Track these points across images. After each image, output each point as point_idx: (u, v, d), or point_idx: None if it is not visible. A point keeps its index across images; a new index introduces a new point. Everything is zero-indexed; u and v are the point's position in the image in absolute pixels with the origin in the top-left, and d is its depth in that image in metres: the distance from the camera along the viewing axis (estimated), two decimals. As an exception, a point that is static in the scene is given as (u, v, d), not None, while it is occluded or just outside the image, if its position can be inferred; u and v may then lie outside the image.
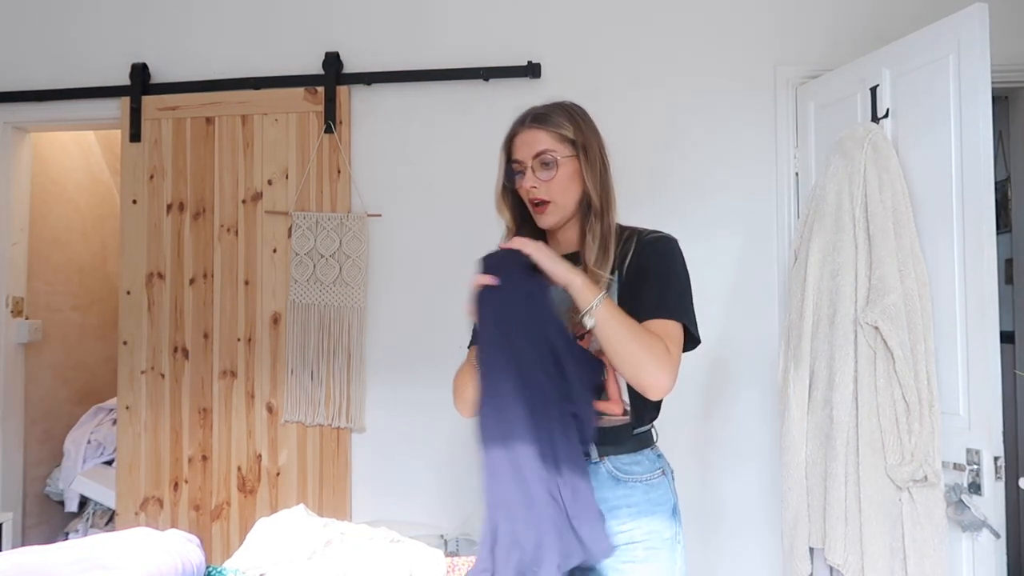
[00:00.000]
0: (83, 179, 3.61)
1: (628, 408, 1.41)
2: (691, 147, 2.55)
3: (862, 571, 1.88)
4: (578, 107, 1.49)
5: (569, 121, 1.44)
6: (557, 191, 1.42)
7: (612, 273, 1.41)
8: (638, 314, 1.35)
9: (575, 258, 1.43)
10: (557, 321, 1.31)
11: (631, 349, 1.29)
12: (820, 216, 2.09)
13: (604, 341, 1.30)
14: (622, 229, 1.48)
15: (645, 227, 1.49)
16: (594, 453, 1.41)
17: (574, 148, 1.42)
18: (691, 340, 1.43)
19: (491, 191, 2.66)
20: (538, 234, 1.48)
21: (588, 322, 1.29)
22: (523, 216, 1.51)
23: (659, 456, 1.49)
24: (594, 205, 1.42)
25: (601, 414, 1.38)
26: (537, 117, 1.45)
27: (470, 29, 2.65)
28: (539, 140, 1.42)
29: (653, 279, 1.40)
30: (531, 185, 1.42)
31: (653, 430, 1.51)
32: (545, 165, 1.41)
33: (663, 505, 1.44)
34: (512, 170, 1.47)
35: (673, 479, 1.50)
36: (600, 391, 1.40)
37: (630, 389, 1.38)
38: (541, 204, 1.43)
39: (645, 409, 1.44)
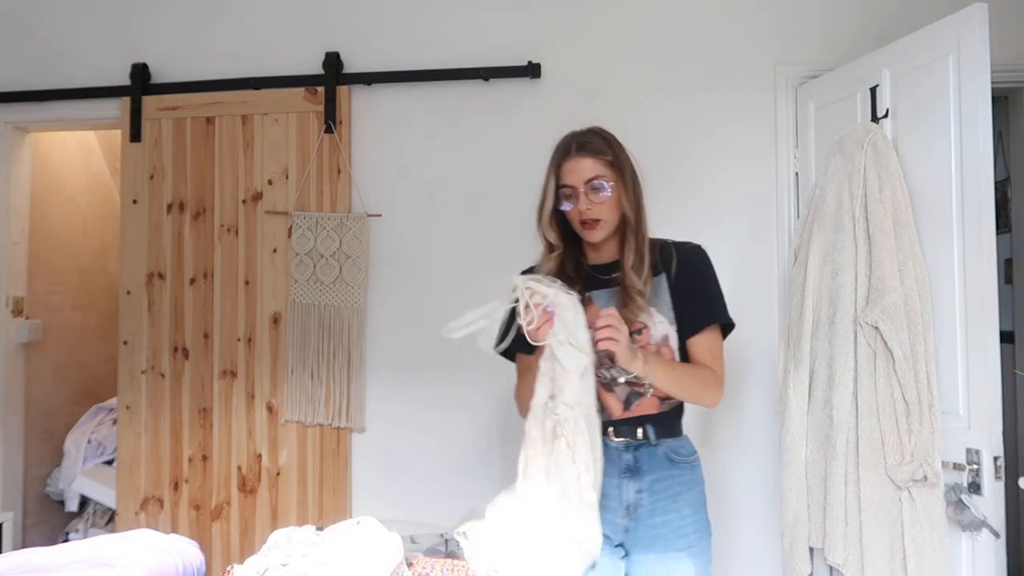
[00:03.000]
0: (83, 179, 3.61)
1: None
2: (691, 147, 2.55)
3: (862, 571, 1.88)
4: (610, 133, 1.68)
5: (608, 148, 1.63)
6: (606, 211, 1.61)
7: (657, 275, 1.65)
8: (691, 318, 1.65)
9: (616, 266, 1.66)
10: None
11: (686, 386, 1.62)
12: (820, 216, 2.10)
13: (665, 389, 1.59)
14: (653, 240, 1.69)
15: (669, 238, 1.73)
16: (652, 436, 1.63)
17: (615, 172, 1.61)
18: (728, 327, 1.72)
19: (491, 190, 2.69)
20: (574, 249, 1.70)
21: (648, 387, 1.57)
22: (562, 234, 1.68)
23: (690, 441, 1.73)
24: (630, 221, 1.63)
25: (665, 398, 1.64)
26: (582, 145, 1.62)
27: (470, 29, 2.65)
28: (588, 167, 1.60)
29: (700, 288, 1.68)
30: (586, 207, 1.60)
31: None
32: (595, 189, 1.59)
33: (701, 484, 1.70)
34: (560, 194, 1.63)
35: None
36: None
37: None
38: (592, 222, 1.61)
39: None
